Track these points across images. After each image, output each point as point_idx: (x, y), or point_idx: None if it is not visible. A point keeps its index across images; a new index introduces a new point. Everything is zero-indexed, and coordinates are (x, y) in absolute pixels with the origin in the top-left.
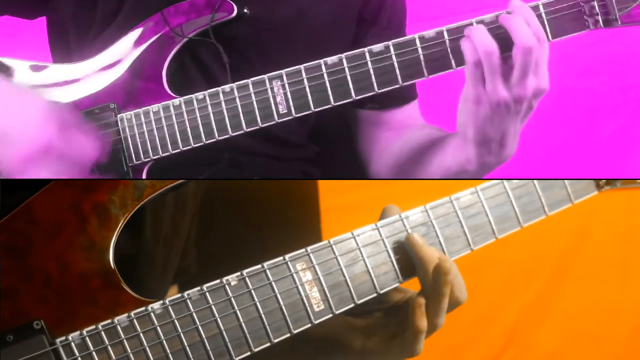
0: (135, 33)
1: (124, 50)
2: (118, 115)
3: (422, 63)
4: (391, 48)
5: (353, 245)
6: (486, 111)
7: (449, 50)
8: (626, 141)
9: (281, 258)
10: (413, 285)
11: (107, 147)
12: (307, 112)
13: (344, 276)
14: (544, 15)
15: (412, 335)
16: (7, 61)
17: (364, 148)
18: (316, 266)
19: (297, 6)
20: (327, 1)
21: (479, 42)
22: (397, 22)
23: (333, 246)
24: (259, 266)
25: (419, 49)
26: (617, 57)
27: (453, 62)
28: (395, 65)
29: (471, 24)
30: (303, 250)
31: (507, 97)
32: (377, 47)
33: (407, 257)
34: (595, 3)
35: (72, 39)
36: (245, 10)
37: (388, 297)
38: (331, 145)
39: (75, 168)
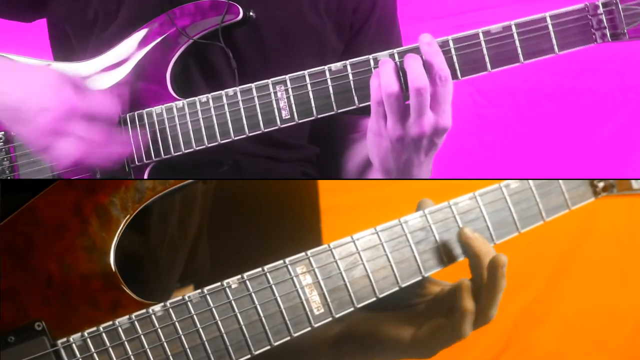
0: (140, 34)
1: (128, 51)
2: (121, 116)
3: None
4: (396, 56)
5: (352, 249)
6: (387, 145)
7: (455, 60)
8: (625, 142)
9: (281, 261)
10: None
11: (125, 101)
12: (309, 119)
13: (344, 280)
14: (550, 27)
15: (459, 317)
16: (12, 58)
17: (340, 151)
18: (316, 270)
19: (296, 9)
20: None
21: (384, 82)
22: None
23: (332, 250)
24: (259, 269)
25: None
26: (617, 58)
27: (459, 72)
28: (400, 73)
29: (477, 34)
30: (303, 253)
31: (403, 135)
32: (382, 54)
33: (405, 262)
34: (603, 16)
35: (73, 40)
36: (250, 14)
37: (426, 290)
38: (330, 146)
39: (103, 125)
